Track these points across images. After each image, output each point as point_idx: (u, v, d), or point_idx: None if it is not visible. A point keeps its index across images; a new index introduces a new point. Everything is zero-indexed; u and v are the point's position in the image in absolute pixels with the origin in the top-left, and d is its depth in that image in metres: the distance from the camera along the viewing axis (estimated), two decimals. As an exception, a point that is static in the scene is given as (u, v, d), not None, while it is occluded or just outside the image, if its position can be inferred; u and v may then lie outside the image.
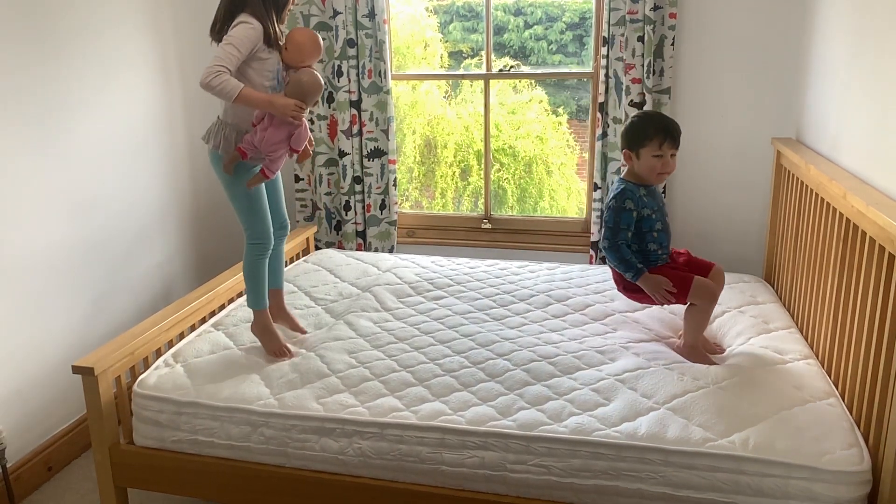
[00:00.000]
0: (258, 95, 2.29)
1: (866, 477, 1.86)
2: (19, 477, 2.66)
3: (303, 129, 2.39)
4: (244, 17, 2.29)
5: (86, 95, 2.93)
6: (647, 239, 2.41)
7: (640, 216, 2.39)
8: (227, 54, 2.22)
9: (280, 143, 2.37)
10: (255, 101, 2.29)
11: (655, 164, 2.38)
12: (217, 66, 2.20)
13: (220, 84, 2.19)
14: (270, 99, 2.31)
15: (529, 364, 2.40)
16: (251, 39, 2.27)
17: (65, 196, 2.84)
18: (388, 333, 2.67)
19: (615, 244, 2.38)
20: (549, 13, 4.09)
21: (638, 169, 2.43)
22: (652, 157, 2.37)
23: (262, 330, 2.54)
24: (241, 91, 2.22)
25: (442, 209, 4.53)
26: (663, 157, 2.37)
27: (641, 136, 2.39)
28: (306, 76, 2.38)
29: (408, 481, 2.14)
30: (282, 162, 2.45)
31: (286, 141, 2.38)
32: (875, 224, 1.95)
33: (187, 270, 3.65)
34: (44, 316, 2.77)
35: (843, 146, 2.52)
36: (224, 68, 2.21)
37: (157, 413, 2.32)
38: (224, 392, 2.32)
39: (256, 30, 2.28)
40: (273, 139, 2.36)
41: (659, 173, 2.40)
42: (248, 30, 2.26)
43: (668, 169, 2.39)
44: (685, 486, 1.95)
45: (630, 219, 2.36)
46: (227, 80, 2.20)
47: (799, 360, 2.37)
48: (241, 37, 2.25)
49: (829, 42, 2.78)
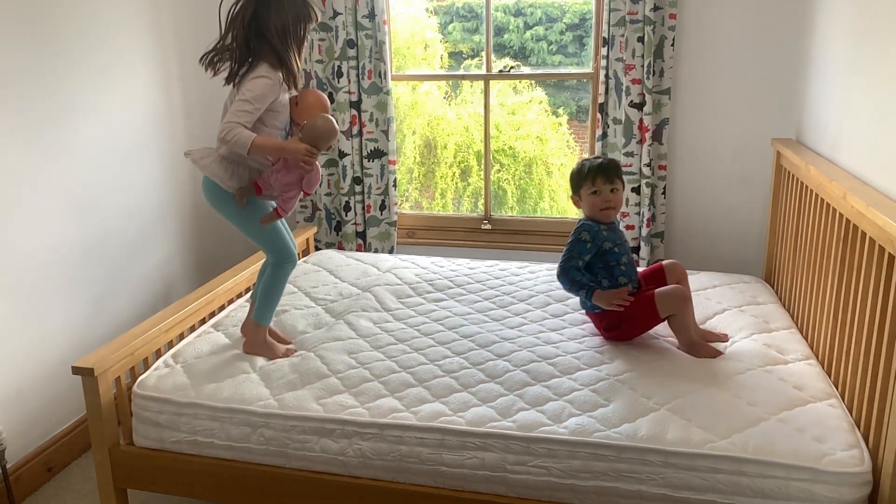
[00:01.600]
0: (270, 143, 2.33)
1: (867, 478, 1.86)
2: (19, 478, 2.66)
3: (314, 173, 2.43)
4: (264, 69, 2.30)
5: (86, 96, 2.93)
6: (616, 273, 2.48)
7: (604, 250, 2.47)
8: (243, 112, 2.25)
9: (293, 184, 2.43)
10: (268, 148, 2.33)
11: (596, 201, 2.50)
12: (231, 123, 2.24)
13: (233, 138, 2.23)
14: (282, 145, 2.35)
15: (529, 365, 2.40)
16: (269, 95, 2.30)
17: (65, 196, 2.84)
18: (388, 334, 2.66)
19: (565, 269, 2.47)
20: (549, 14, 4.08)
21: (585, 210, 2.56)
22: (590, 194, 2.50)
23: (260, 344, 2.53)
24: (253, 141, 2.25)
25: (442, 210, 4.53)
26: (601, 193, 2.48)
27: (577, 178, 2.54)
28: (321, 122, 2.39)
29: (408, 482, 2.14)
30: (295, 202, 2.49)
31: (298, 183, 2.43)
32: (875, 224, 1.95)
33: (187, 270, 3.65)
34: (44, 316, 2.77)
35: (843, 146, 2.52)
36: (238, 124, 2.24)
37: (156, 414, 2.32)
38: (224, 393, 2.32)
39: (275, 83, 2.30)
40: (285, 181, 2.41)
41: (602, 209, 2.50)
42: (268, 86, 2.29)
43: (612, 203, 2.50)
44: (685, 487, 1.95)
45: (584, 249, 2.45)
46: (240, 133, 2.23)
47: (799, 361, 2.37)
48: (260, 93, 2.28)
49: (829, 42, 2.78)
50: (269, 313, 2.52)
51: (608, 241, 2.48)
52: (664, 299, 2.40)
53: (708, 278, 3.09)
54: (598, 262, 2.49)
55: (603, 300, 2.42)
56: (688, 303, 2.44)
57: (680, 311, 2.42)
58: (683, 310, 2.43)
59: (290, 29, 2.32)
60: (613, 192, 2.49)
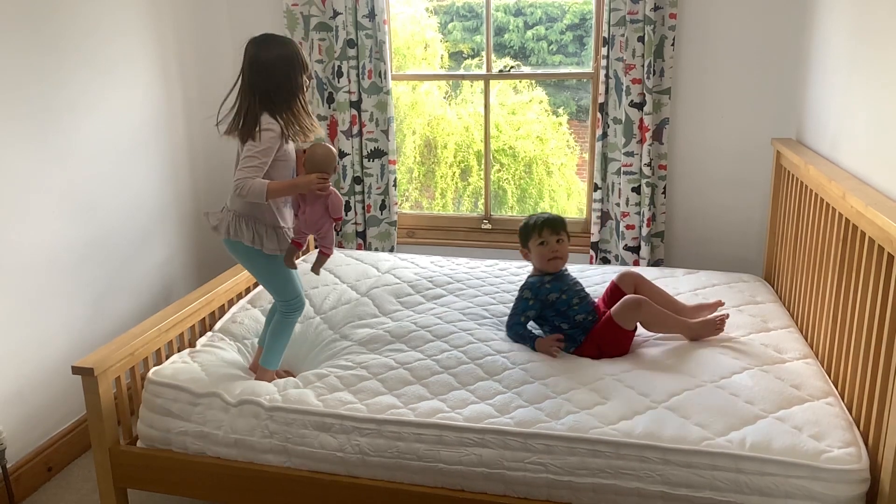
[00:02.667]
0: (282, 184, 2.37)
1: (865, 475, 1.86)
2: (19, 477, 2.66)
3: (334, 198, 2.47)
4: (266, 120, 2.34)
5: (87, 96, 2.94)
6: (570, 314, 2.54)
7: (549, 301, 2.56)
8: (252, 167, 2.30)
9: (321, 218, 2.48)
10: (282, 189, 2.38)
11: (543, 252, 2.60)
12: (243, 179, 2.29)
13: (248, 190, 2.29)
14: (294, 182, 2.40)
15: (527, 363, 2.40)
16: (273, 147, 2.34)
17: (65, 196, 2.85)
18: (387, 333, 2.67)
19: (510, 325, 2.59)
20: (549, 13, 4.09)
21: (534, 261, 2.66)
22: (538, 245, 2.60)
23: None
24: (268, 187, 2.30)
25: (442, 210, 4.54)
26: (547, 244, 2.59)
27: (525, 232, 2.66)
28: (319, 149, 2.47)
29: (405, 480, 2.14)
30: (332, 235, 2.56)
31: (325, 214, 2.48)
32: (874, 224, 1.95)
33: (187, 270, 3.65)
34: (44, 316, 2.78)
35: (843, 146, 2.52)
36: (249, 178, 2.29)
37: (170, 402, 2.34)
38: (237, 388, 2.36)
39: (277, 134, 2.34)
40: (313, 217, 2.47)
41: (550, 259, 2.59)
42: (271, 138, 2.33)
43: (558, 254, 2.60)
44: (683, 484, 1.95)
45: (526, 306, 2.56)
46: (253, 184, 2.29)
47: (798, 360, 2.37)
48: (265, 147, 2.32)
49: (829, 42, 2.78)
50: (278, 358, 2.55)
51: (553, 292, 2.56)
52: (620, 315, 2.47)
53: (707, 277, 3.09)
54: (550, 311, 2.56)
55: (542, 349, 2.49)
56: (643, 305, 2.47)
57: (643, 315, 2.48)
58: (646, 312, 2.48)
59: (283, 85, 2.37)
60: (559, 243, 2.60)
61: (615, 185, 3.49)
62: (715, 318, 2.53)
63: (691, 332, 2.51)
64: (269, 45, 2.37)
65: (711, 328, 2.51)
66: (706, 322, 2.53)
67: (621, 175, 3.43)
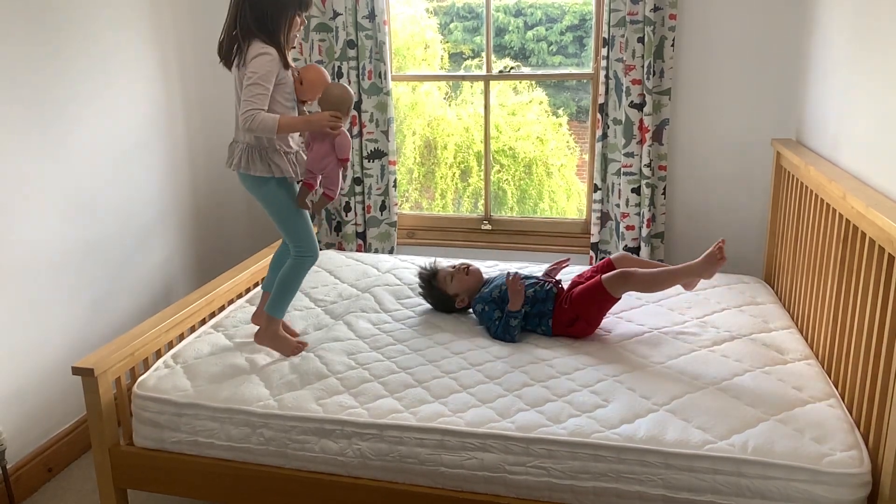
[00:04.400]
0: (295, 120, 2.36)
1: (866, 479, 1.86)
2: (19, 478, 2.66)
3: (343, 138, 2.46)
4: (259, 46, 2.29)
5: (86, 96, 2.93)
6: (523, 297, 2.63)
7: (495, 298, 2.68)
8: (256, 95, 2.26)
9: (326, 155, 2.47)
10: (294, 125, 2.36)
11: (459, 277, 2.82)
12: (251, 111, 2.24)
13: (258, 125, 2.25)
14: (307, 119, 2.38)
15: (528, 365, 2.40)
16: (273, 70, 2.30)
17: (65, 196, 2.85)
18: (387, 335, 2.67)
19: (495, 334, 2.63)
20: (549, 14, 4.08)
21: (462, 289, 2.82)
22: (453, 281, 2.82)
23: (272, 337, 2.52)
24: (279, 122, 2.27)
25: (442, 210, 4.53)
26: (456, 275, 2.82)
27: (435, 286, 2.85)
28: (334, 89, 2.48)
29: (407, 483, 2.14)
30: (337, 178, 2.54)
31: (332, 152, 2.46)
32: (875, 225, 1.95)
33: (187, 270, 3.65)
34: (44, 316, 2.77)
35: (843, 147, 2.52)
36: (257, 109, 2.25)
37: (156, 414, 2.32)
38: (224, 393, 2.32)
39: (274, 58, 2.30)
40: (319, 154, 2.46)
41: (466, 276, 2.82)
42: (268, 62, 2.28)
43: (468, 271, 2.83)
44: (685, 488, 1.95)
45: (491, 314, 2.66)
46: (263, 119, 2.25)
47: (799, 361, 2.37)
48: (264, 72, 2.27)
49: (829, 42, 2.78)
50: (284, 306, 2.51)
51: (492, 292, 2.71)
52: (611, 282, 2.52)
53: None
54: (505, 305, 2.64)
55: (513, 297, 2.58)
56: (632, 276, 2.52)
57: (634, 285, 2.53)
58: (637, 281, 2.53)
59: (284, 12, 2.32)
60: (460, 272, 2.82)
61: (615, 186, 3.49)
62: (713, 249, 2.51)
63: (693, 273, 2.53)
64: None
65: (713, 260, 2.49)
66: (706, 258, 2.51)
67: (621, 176, 3.43)
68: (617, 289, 2.53)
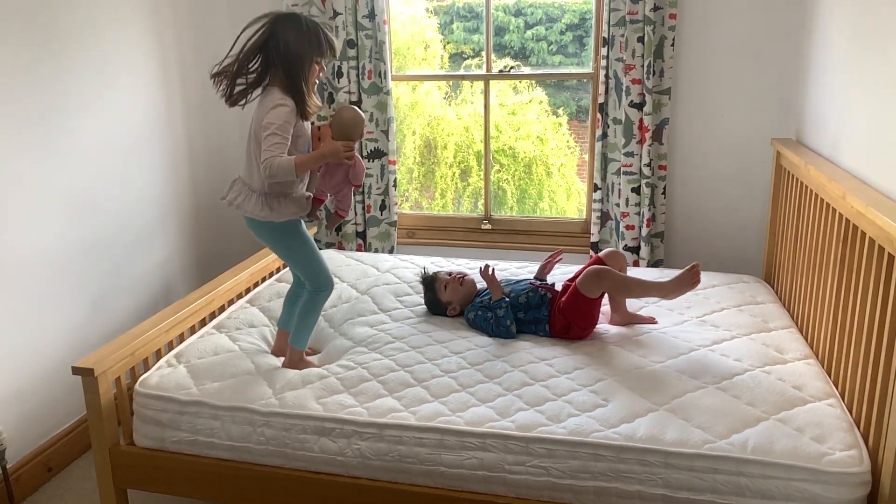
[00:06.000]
0: (309, 157, 2.36)
1: (866, 478, 1.86)
2: (19, 478, 2.66)
3: (357, 166, 2.48)
4: (278, 96, 2.31)
5: (86, 95, 2.93)
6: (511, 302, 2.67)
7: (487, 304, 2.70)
8: (275, 145, 2.28)
9: (341, 183, 2.51)
10: (309, 162, 2.36)
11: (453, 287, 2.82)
12: (268, 159, 2.27)
13: (277, 169, 2.27)
14: (320, 152, 2.38)
15: (527, 365, 2.40)
16: (290, 121, 2.32)
17: (65, 196, 2.85)
18: (387, 334, 2.67)
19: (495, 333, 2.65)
20: (549, 14, 4.08)
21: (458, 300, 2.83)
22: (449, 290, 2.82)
23: (296, 364, 2.54)
24: (295, 162, 2.29)
25: (442, 210, 4.53)
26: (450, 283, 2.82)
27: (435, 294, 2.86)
28: (346, 113, 2.46)
29: (406, 482, 2.14)
30: (349, 199, 2.59)
31: (346, 180, 2.50)
32: (874, 224, 1.95)
33: (187, 270, 3.65)
34: (44, 316, 2.77)
35: (843, 147, 2.52)
36: (274, 156, 2.28)
37: (158, 412, 2.32)
38: (226, 392, 2.32)
39: (292, 109, 2.32)
40: (333, 182, 2.50)
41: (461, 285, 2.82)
42: (286, 113, 2.30)
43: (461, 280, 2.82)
44: (684, 487, 1.95)
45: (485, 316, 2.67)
46: (280, 163, 2.27)
47: (799, 361, 2.37)
48: (282, 122, 2.29)
49: (829, 42, 2.78)
50: (306, 337, 2.55)
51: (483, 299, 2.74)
52: (583, 284, 2.55)
53: (707, 278, 3.08)
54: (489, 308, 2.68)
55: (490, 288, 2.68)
56: (604, 273, 2.56)
57: (607, 284, 2.56)
58: (609, 280, 2.56)
59: (305, 60, 2.33)
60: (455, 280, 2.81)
61: (615, 186, 3.49)
62: (684, 272, 2.57)
63: (662, 291, 2.59)
64: (293, 24, 2.33)
65: (686, 283, 2.55)
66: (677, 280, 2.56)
67: (621, 175, 3.43)
68: (591, 289, 2.55)
